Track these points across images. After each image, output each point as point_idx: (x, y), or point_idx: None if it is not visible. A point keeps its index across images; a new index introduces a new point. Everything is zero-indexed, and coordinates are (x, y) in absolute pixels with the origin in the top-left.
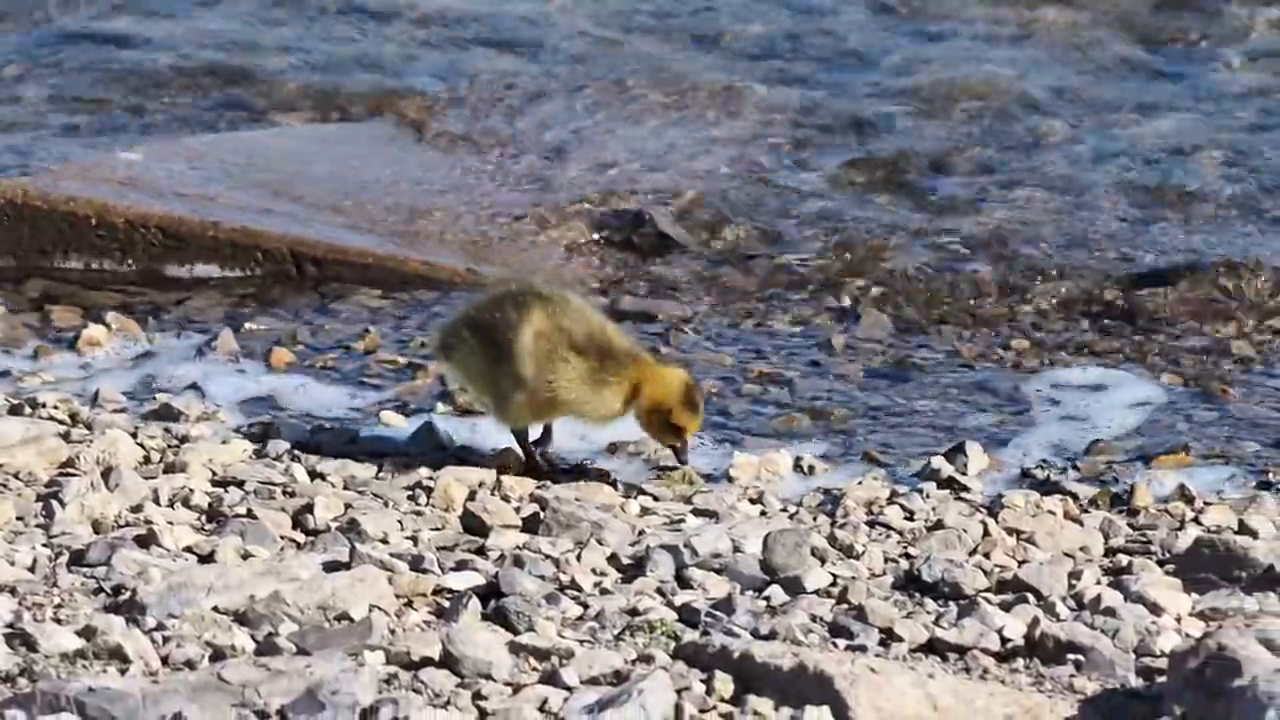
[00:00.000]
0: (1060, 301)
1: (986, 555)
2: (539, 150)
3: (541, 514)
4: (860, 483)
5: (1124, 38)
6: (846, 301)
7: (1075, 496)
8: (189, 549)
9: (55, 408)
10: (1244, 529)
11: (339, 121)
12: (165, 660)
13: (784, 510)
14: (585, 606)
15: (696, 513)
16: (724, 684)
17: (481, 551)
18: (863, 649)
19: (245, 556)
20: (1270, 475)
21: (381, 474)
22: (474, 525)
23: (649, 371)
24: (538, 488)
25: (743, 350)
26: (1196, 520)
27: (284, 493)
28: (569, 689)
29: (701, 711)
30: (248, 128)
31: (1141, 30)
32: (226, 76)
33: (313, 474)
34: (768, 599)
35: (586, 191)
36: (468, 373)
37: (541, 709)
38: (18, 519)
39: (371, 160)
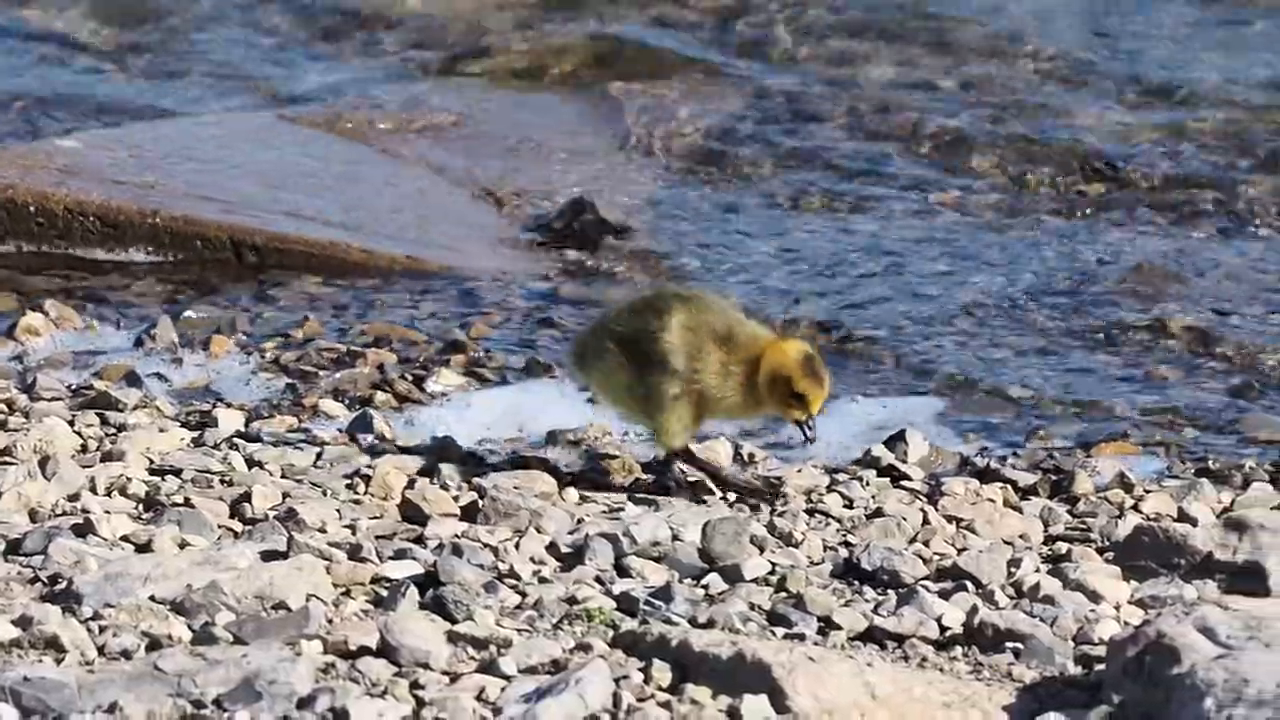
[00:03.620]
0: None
1: (926, 543)
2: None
3: (480, 502)
4: (799, 470)
5: None
6: (784, 286)
7: (1015, 484)
8: (126, 538)
9: None
10: (1183, 516)
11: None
12: (101, 650)
13: (724, 499)
14: (524, 595)
15: (635, 501)
16: (662, 673)
17: (420, 540)
18: (801, 637)
19: (182, 546)
20: (1210, 463)
21: (320, 462)
22: (412, 514)
23: (766, 345)
24: (476, 476)
25: None
26: (1136, 508)
27: (222, 481)
28: (507, 678)
29: (639, 700)
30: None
31: None
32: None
33: (251, 462)
34: (706, 587)
35: (527, 180)
36: (610, 386)
37: (479, 698)
38: None
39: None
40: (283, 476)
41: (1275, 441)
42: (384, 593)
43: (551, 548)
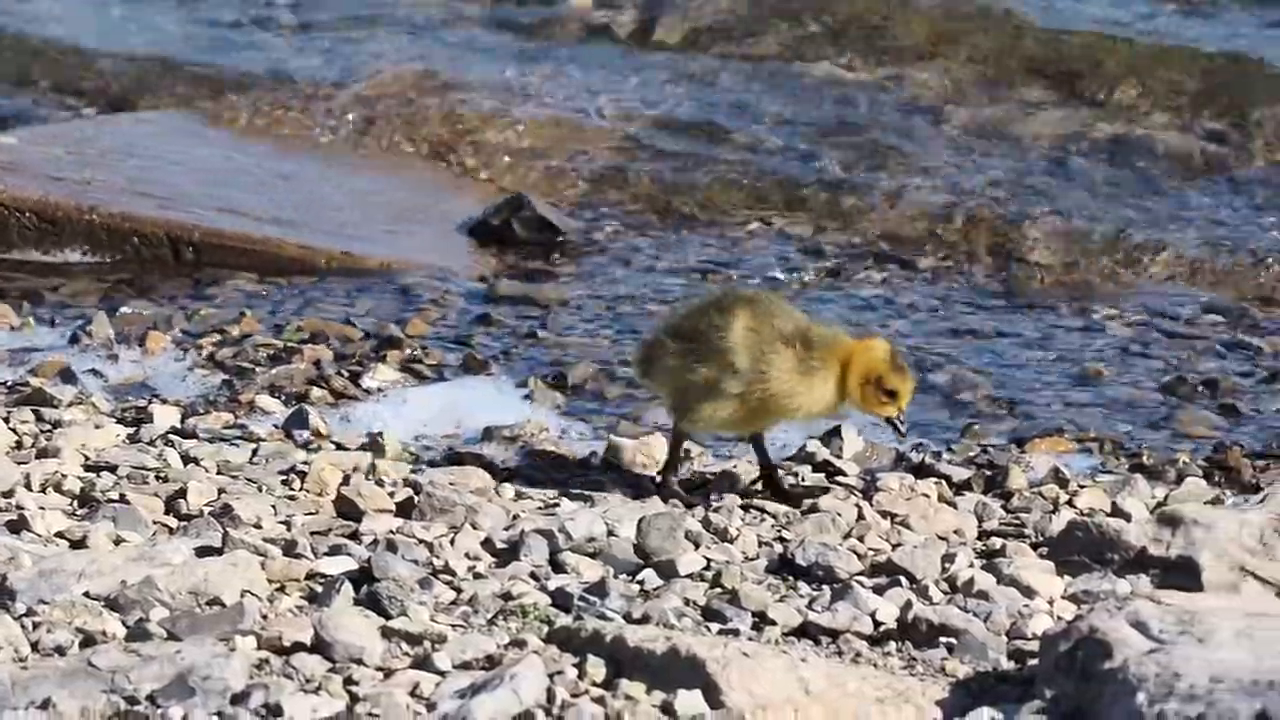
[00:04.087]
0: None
1: (861, 539)
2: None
3: (416, 498)
4: (735, 466)
5: None
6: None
7: (949, 479)
8: (60, 534)
9: None
10: (1117, 511)
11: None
12: (35, 646)
13: (659, 494)
14: (458, 591)
15: (572, 496)
16: (596, 668)
17: (355, 536)
18: (735, 633)
19: (117, 542)
20: (1144, 458)
21: (256, 459)
22: (348, 510)
23: (851, 346)
24: (412, 472)
25: (620, 334)
26: (1070, 503)
27: (157, 478)
28: (441, 674)
29: (573, 696)
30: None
31: None
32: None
33: (186, 459)
34: (641, 583)
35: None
36: (673, 385)
37: (413, 694)
38: None
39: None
40: (218, 473)
41: (1208, 436)
42: (319, 589)
43: (487, 544)
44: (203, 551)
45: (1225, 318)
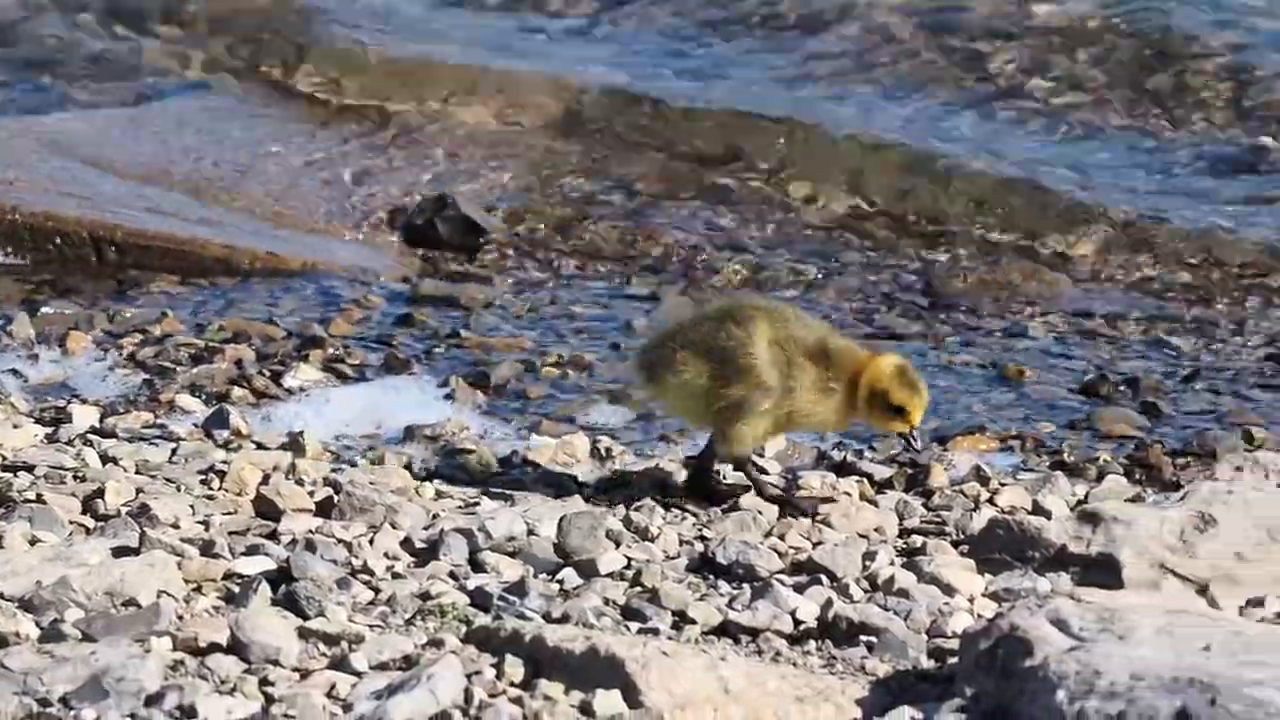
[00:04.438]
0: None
1: (781, 537)
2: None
3: (336, 498)
4: (657, 465)
5: None
6: (645, 289)
7: (871, 478)
8: None
9: None
10: (1038, 509)
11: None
12: None
13: (580, 493)
14: (377, 591)
15: (492, 496)
16: (515, 668)
17: (273, 536)
18: (655, 632)
19: (33, 542)
20: (1065, 456)
21: (175, 458)
22: (267, 510)
23: (861, 361)
24: (332, 471)
25: (543, 334)
26: (991, 501)
27: (75, 477)
28: (358, 674)
29: (491, 696)
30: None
31: None
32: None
33: (105, 458)
34: (561, 582)
35: (387, 176)
36: (685, 398)
37: (329, 694)
38: None
39: (170, 140)
40: (137, 472)
41: (1129, 435)
42: (236, 589)
43: (406, 543)
44: (119, 552)
45: (1146, 317)
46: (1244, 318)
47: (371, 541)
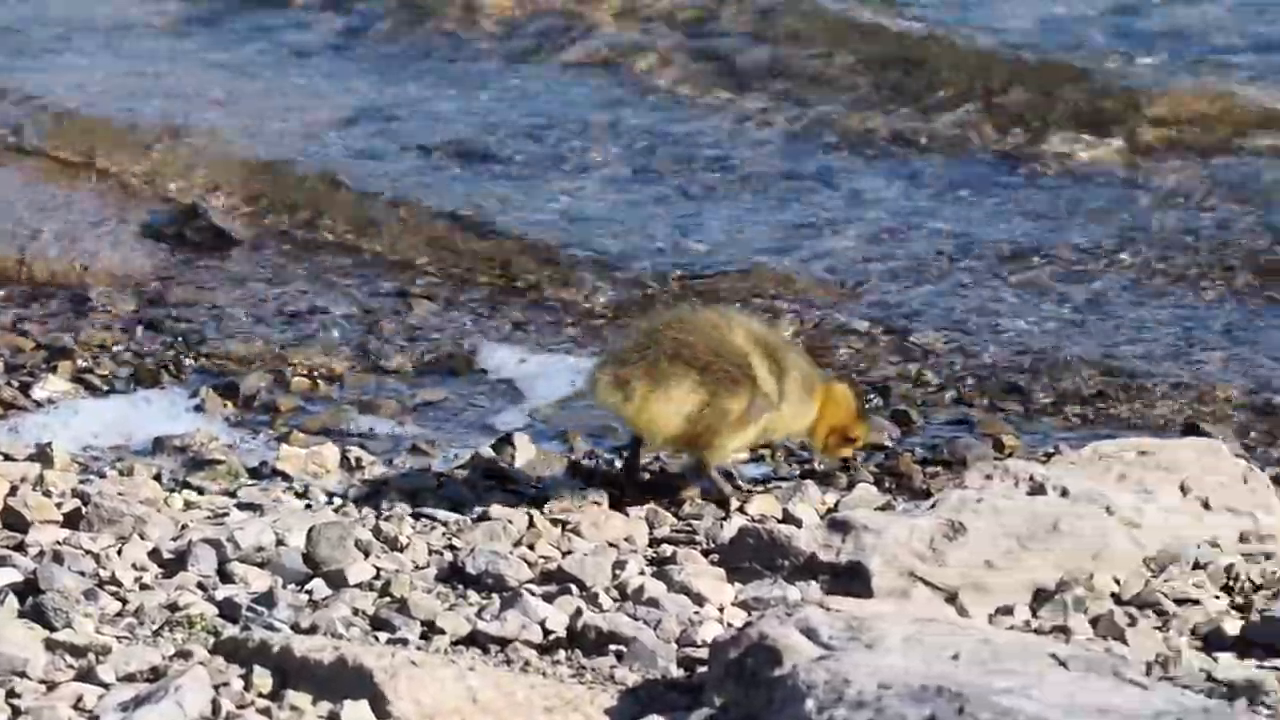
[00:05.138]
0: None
1: (531, 546)
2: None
3: (84, 509)
4: (406, 475)
5: None
6: (399, 295)
7: (622, 487)
8: None
9: None
10: (788, 518)
11: None
12: None
13: (329, 503)
14: (124, 602)
15: (241, 506)
16: (263, 679)
17: (21, 547)
18: (404, 642)
19: None
20: (815, 464)
21: None
22: (14, 521)
23: (826, 390)
24: (80, 483)
25: (293, 342)
26: (741, 510)
27: None
28: (105, 686)
29: (239, 707)
30: None
31: None
32: None
33: None
34: (310, 593)
35: (139, 182)
36: (664, 410)
37: (76, 706)
38: None
39: None
40: None
41: (879, 445)
42: None
43: (154, 554)
44: None
45: (896, 324)
46: (995, 324)
47: (120, 553)
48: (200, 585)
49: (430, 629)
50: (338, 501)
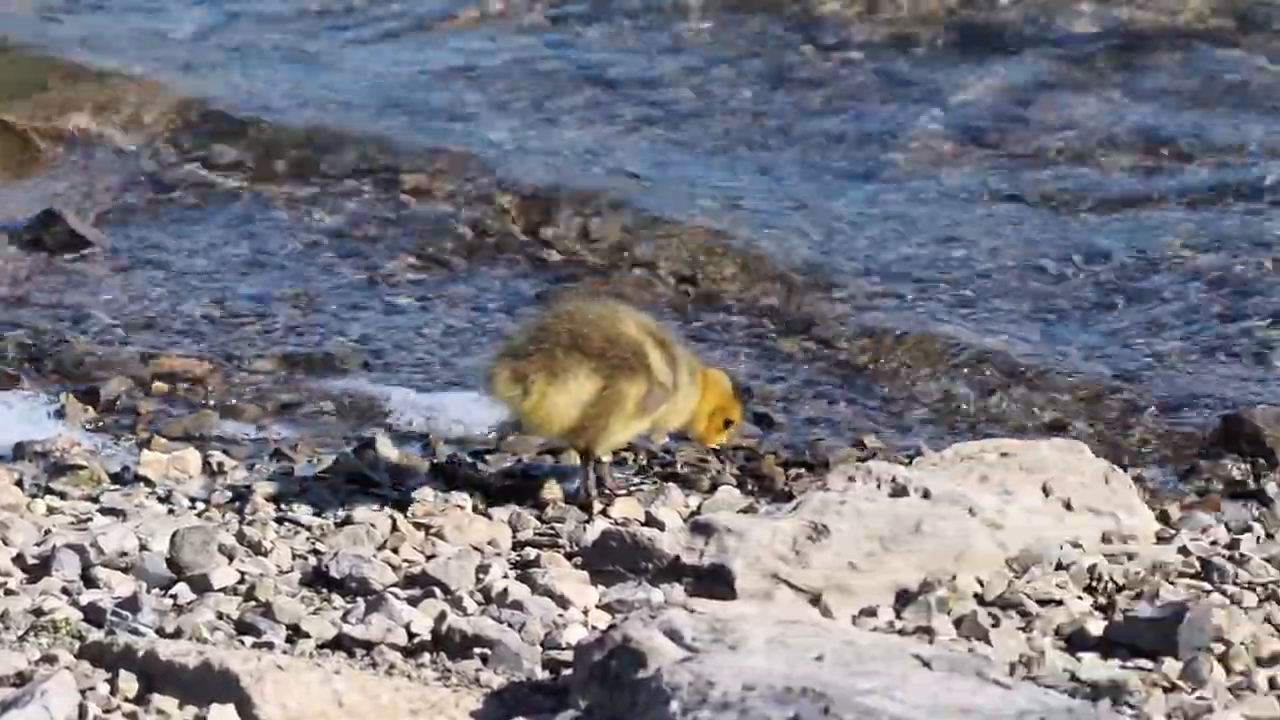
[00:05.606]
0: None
1: (395, 550)
2: None
3: None
4: (269, 479)
5: None
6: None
7: (485, 490)
8: None
9: None
10: (650, 520)
11: None
12: None
13: (192, 508)
14: None
15: (104, 511)
16: (129, 683)
17: None
18: (270, 646)
19: None
20: (678, 467)
21: None
22: None
23: (705, 375)
24: None
25: (154, 345)
26: (604, 512)
27: None
28: None
29: (105, 711)
30: None
31: None
32: None
33: None
34: (175, 597)
35: None
36: (561, 402)
37: None
38: None
39: None
40: None
41: (741, 446)
42: None
43: (18, 560)
44: None
45: (758, 324)
46: (856, 324)
47: None
48: (65, 590)
49: (295, 633)
50: (201, 506)
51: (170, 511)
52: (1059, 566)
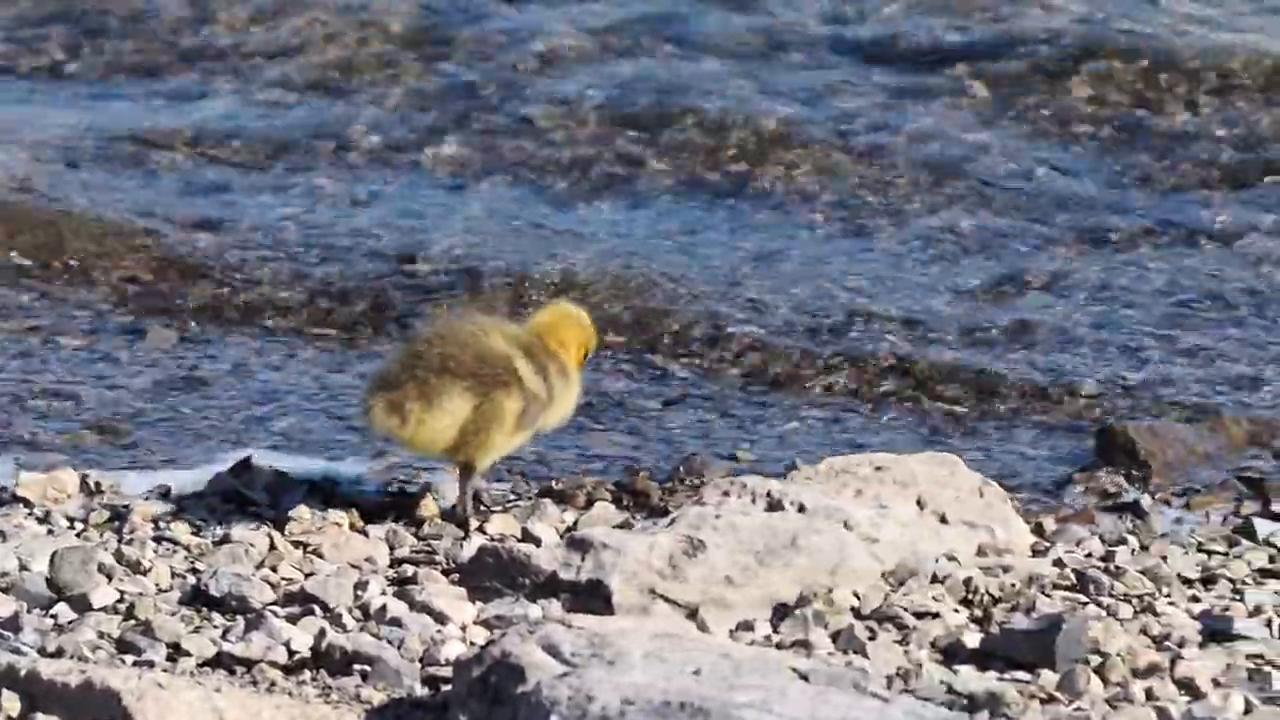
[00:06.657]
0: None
1: (274, 568)
2: None
3: None
4: (147, 498)
5: None
6: (129, 317)
7: (361, 508)
8: None
9: None
10: (527, 536)
11: None
12: None
13: (71, 528)
14: None
15: None
16: (11, 702)
17: None
18: (150, 664)
19: None
20: (554, 483)
21: None
22: None
23: (553, 318)
24: None
25: (29, 364)
26: (481, 529)
27: None
28: None
29: None
30: None
31: None
32: None
33: None
34: (55, 617)
35: None
36: (439, 426)
37: None
38: None
39: None
40: None
41: (617, 458)
42: None
43: None
44: None
45: (632, 338)
46: (728, 337)
47: None
48: None
49: (176, 651)
50: (79, 526)
51: (49, 532)
52: (935, 579)
